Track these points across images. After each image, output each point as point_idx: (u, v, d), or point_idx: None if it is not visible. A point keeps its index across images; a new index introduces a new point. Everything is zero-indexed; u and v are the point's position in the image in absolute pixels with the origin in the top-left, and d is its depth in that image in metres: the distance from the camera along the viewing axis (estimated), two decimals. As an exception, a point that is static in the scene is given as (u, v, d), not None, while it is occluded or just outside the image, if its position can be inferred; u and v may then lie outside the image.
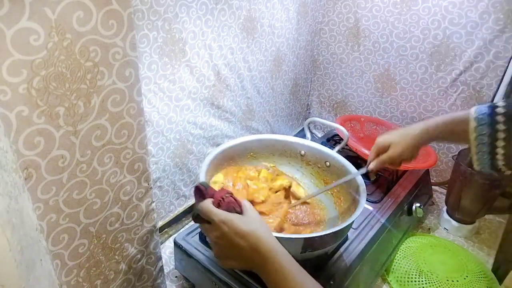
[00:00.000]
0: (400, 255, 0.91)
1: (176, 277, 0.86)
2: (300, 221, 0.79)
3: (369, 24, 1.17)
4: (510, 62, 0.96)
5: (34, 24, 0.38)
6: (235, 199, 0.55)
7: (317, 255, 0.69)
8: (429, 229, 1.06)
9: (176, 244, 0.78)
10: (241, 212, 0.54)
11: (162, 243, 0.94)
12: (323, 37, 1.28)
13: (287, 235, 0.66)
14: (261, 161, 0.91)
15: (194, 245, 0.77)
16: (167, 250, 0.92)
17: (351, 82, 1.29)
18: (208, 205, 0.53)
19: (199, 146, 0.96)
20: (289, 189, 0.84)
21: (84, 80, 0.45)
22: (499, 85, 0.99)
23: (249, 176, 0.84)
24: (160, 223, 0.94)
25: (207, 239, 0.77)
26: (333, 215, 0.81)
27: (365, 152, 0.94)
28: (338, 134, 1.11)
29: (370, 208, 0.89)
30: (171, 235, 0.97)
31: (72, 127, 0.46)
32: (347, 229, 0.75)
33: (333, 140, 1.15)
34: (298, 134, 1.42)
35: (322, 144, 0.92)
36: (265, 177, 0.86)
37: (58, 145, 0.46)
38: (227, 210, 0.53)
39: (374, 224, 0.85)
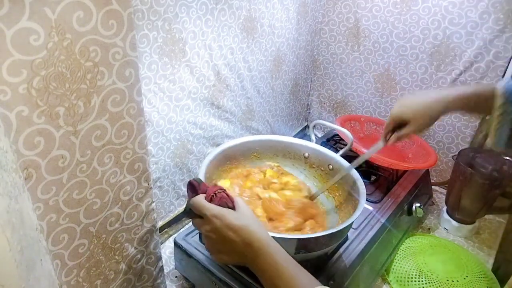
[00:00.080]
0: (400, 255, 0.91)
1: (176, 277, 0.86)
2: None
3: (369, 24, 1.17)
4: (510, 62, 0.96)
5: (34, 24, 0.38)
6: (228, 195, 0.55)
7: (317, 256, 0.69)
8: (429, 229, 1.06)
9: (176, 244, 0.78)
10: (234, 208, 0.54)
11: (162, 243, 0.94)
12: (323, 37, 1.28)
13: (280, 235, 0.66)
14: (265, 161, 0.91)
15: (194, 245, 0.77)
16: (167, 250, 0.92)
17: (351, 82, 1.29)
18: (201, 200, 0.54)
19: (199, 146, 0.96)
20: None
21: (84, 80, 0.45)
22: (499, 85, 0.99)
23: (256, 181, 0.84)
24: (160, 223, 0.94)
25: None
26: (333, 217, 0.81)
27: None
28: (338, 134, 1.11)
29: (370, 208, 0.89)
30: (171, 235, 0.97)
31: (72, 127, 0.46)
32: (346, 231, 0.75)
33: (333, 140, 1.15)
34: (298, 134, 1.42)
35: (322, 145, 0.92)
36: (271, 176, 0.86)
37: (58, 145, 0.46)
38: (220, 205, 0.53)
39: (374, 224, 0.85)
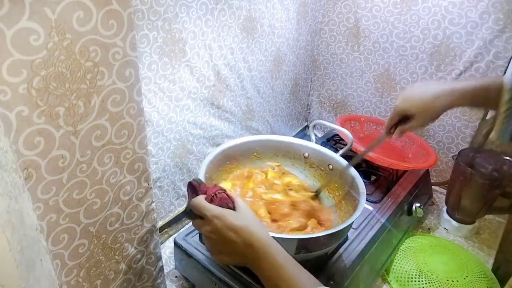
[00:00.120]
0: (400, 255, 0.90)
1: (176, 277, 0.86)
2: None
3: (369, 24, 1.17)
4: (510, 62, 0.96)
5: (34, 24, 0.38)
6: (228, 195, 0.55)
7: (317, 256, 0.69)
8: (429, 229, 1.06)
9: (176, 244, 0.78)
10: (234, 208, 0.54)
11: (162, 243, 0.94)
12: (323, 37, 1.28)
13: (281, 235, 0.66)
14: (265, 161, 0.91)
15: (194, 245, 0.77)
16: (167, 250, 0.92)
17: (351, 82, 1.29)
18: (201, 201, 0.53)
19: (199, 146, 0.96)
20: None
21: (84, 80, 0.45)
22: (499, 85, 0.99)
23: (257, 182, 0.83)
24: (160, 223, 0.94)
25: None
26: (333, 217, 0.81)
27: (365, 152, 0.93)
28: (338, 134, 1.11)
29: (370, 208, 0.89)
30: (171, 235, 0.97)
31: (72, 127, 0.46)
32: (346, 231, 0.75)
33: (333, 140, 1.15)
34: (298, 134, 1.42)
35: (322, 144, 0.92)
36: (273, 177, 0.86)
37: (58, 145, 0.46)
38: (220, 206, 0.53)
39: (374, 224, 0.85)
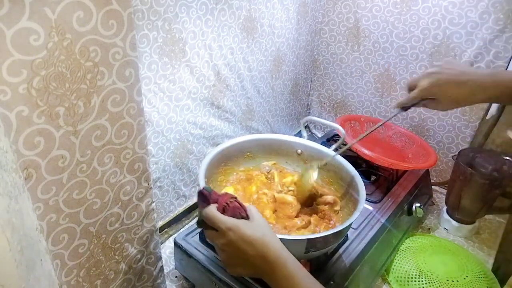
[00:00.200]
0: (400, 255, 0.90)
1: (176, 277, 0.86)
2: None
3: (369, 24, 1.17)
4: (510, 62, 0.96)
5: (34, 24, 0.38)
6: (240, 204, 0.54)
7: (317, 255, 0.69)
8: (429, 229, 1.06)
9: (176, 244, 0.78)
10: (247, 217, 0.53)
11: (162, 243, 0.94)
12: (323, 37, 1.28)
13: (292, 237, 0.66)
14: (260, 161, 0.91)
15: (194, 245, 0.77)
16: (167, 250, 0.92)
17: (351, 82, 1.29)
18: (213, 212, 0.52)
19: (199, 146, 0.96)
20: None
21: (84, 80, 0.45)
22: (499, 85, 0.99)
23: (259, 184, 0.83)
24: (160, 223, 0.94)
25: (208, 240, 0.78)
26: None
27: (365, 152, 0.94)
28: (339, 134, 1.11)
29: (370, 208, 0.89)
30: (171, 235, 0.97)
31: (72, 127, 0.46)
32: (347, 229, 0.76)
33: (333, 140, 1.15)
34: (298, 134, 1.42)
35: (322, 144, 0.92)
36: (270, 179, 0.86)
37: (58, 145, 0.46)
38: (233, 216, 0.52)
39: (374, 224, 0.85)
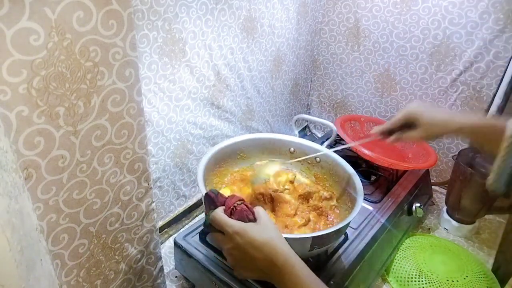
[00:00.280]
0: (400, 255, 0.90)
1: (176, 277, 0.86)
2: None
3: (369, 24, 1.17)
4: (510, 62, 0.96)
5: (34, 24, 0.38)
6: (248, 207, 0.53)
7: (319, 253, 0.69)
8: (429, 229, 1.06)
9: (176, 244, 0.78)
10: (255, 220, 0.53)
11: (162, 243, 0.94)
12: (323, 37, 1.28)
13: (297, 236, 0.67)
14: (253, 161, 0.91)
15: (194, 245, 0.77)
16: (167, 250, 0.92)
17: (351, 82, 1.29)
18: (221, 215, 0.52)
19: (199, 146, 0.96)
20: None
21: (84, 80, 0.45)
22: (499, 85, 0.99)
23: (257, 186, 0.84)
24: (160, 223, 0.94)
25: (208, 240, 0.78)
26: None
27: (365, 152, 0.94)
28: (338, 134, 1.11)
29: (370, 208, 0.89)
30: (171, 235, 0.97)
31: (72, 127, 0.46)
32: (348, 225, 0.76)
33: (334, 140, 1.14)
34: (298, 134, 1.42)
35: (322, 144, 0.92)
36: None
37: (58, 145, 0.46)
38: (240, 219, 0.51)
39: (374, 224, 0.85)
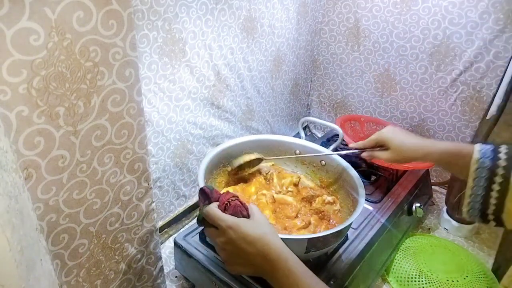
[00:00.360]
0: (400, 255, 0.90)
1: (176, 277, 0.86)
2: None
3: (369, 24, 1.17)
4: (510, 62, 0.96)
5: (34, 24, 0.38)
6: (242, 203, 0.53)
7: (318, 255, 0.69)
8: (429, 229, 1.06)
9: (176, 244, 0.78)
10: (248, 216, 0.53)
11: (162, 243, 0.94)
12: (323, 37, 1.28)
13: (292, 236, 0.67)
14: None
15: (194, 245, 0.77)
16: (167, 250, 0.92)
17: (351, 82, 1.29)
18: (214, 210, 0.52)
19: (199, 146, 0.96)
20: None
21: (84, 80, 0.45)
22: (499, 85, 0.99)
23: (259, 185, 0.83)
24: (160, 223, 0.94)
25: (208, 240, 0.78)
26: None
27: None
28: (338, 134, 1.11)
29: (370, 208, 0.89)
30: (171, 235, 0.97)
31: (72, 127, 0.46)
32: (347, 229, 0.76)
33: (333, 140, 1.14)
34: (298, 134, 1.42)
35: (322, 144, 0.92)
36: (269, 180, 0.86)
37: (58, 145, 0.46)
38: (234, 214, 0.51)
39: (374, 224, 0.85)
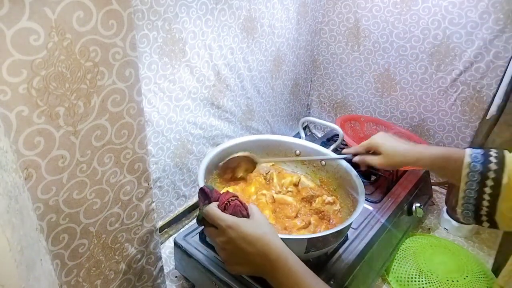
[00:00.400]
0: (400, 255, 0.90)
1: (176, 277, 0.86)
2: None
3: (369, 24, 1.17)
4: (510, 62, 0.96)
5: (34, 24, 0.38)
6: (241, 203, 0.53)
7: (317, 255, 0.69)
8: (429, 229, 1.06)
9: (176, 244, 0.78)
10: (248, 216, 0.53)
11: (162, 243, 0.94)
12: (323, 37, 1.28)
13: (292, 236, 0.66)
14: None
15: (194, 245, 0.77)
16: (167, 250, 0.92)
17: (351, 82, 1.29)
18: (214, 209, 0.52)
19: (199, 146, 0.96)
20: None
21: (84, 80, 0.45)
22: (499, 85, 0.99)
23: (258, 185, 0.83)
24: (160, 223, 0.94)
25: (208, 240, 0.78)
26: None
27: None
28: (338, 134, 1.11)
29: (370, 208, 0.89)
30: (171, 235, 0.97)
31: (72, 127, 0.46)
32: (347, 229, 0.76)
33: (333, 140, 1.14)
34: (298, 134, 1.42)
35: (322, 144, 0.92)
36: (270, 181, 0.86)
37: (58, 145, 0.46)
38: (233, 214, 0.51)
39: (374, 224, 0.85)
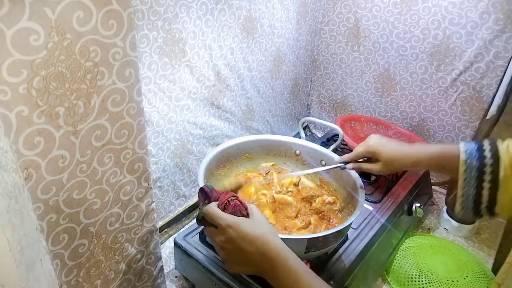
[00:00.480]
0: (400, 255, 0.90)
1: (176, 277, 0.86)
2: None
3: (369, 24, 1.17)
4: (510, 62, 0.96)
5: (34, 24, 0.38)
6: (241, 202, 0.53)
7: (318, 255, 0.69)
8: (429, 229, 1.06)
9: (176, 244, 0.78)
10: (248, 215, 0.53)
11: (162, 243, 0.94)
12: (323, 37, 1.28)
13: (292, 236, 0.66)
14: (258, 162, 0.91)
15: (194, 245, 0.77)
16: (167, 250, 0.92)
17: (351, 82, 1.29)
18: (214, 209, 0.52)
19: (199, 146, 0.96)
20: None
21: (84, 80, 0.45)
22: (499, 85, 0.99)
23: (258, 185, 0.83)
24: (160, 223, 0.94)
25: (208, 240, 0.78)
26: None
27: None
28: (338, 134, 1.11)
29: (370, 208, 0.89)
30: (171, 235, 0.97)
31: (72, 127, 0.46)
32: (347, 229, 0.76)
33: (333, 140, 1.14)
34: (298, 134, 1.42)
35: (322, 144, 0.92)
36: (270, 180, 0.86)
37: (58, 145, 0.46)
38: (233, 213, 0.52)
39: (374, 224, 0.85)
